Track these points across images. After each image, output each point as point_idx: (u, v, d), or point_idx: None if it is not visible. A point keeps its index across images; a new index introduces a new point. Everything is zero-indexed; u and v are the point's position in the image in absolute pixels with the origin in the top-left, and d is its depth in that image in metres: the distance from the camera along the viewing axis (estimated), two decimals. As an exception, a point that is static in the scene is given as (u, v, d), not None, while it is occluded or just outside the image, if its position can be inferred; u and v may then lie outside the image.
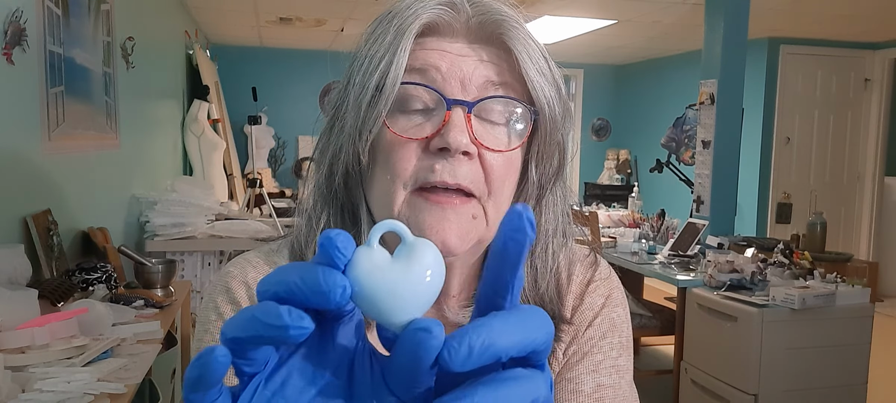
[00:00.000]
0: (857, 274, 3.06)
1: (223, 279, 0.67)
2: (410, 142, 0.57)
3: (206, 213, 3.31)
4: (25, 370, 1.31)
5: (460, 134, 0.56)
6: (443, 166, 0.57)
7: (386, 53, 0.56)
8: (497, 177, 0.59)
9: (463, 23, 0.59)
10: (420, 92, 0.58)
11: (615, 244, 3.78)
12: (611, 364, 0.67)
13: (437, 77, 0.57)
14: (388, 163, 0.58)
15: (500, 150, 0.59)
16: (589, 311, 0.68)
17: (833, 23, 5.10)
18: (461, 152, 0.56)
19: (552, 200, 0.65)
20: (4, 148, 1.80)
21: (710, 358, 2.87)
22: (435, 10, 0.58)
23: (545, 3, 4.48)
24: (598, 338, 0.67)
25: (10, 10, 1.76)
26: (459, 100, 0.57)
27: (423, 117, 0.58)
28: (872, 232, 5.99)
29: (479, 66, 0.58)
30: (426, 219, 0.57)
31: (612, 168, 7.44)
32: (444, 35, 0.59)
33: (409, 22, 0.57)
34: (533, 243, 0.62)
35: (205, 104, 5.03)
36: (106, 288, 2.03)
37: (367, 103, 0.57)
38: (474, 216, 0.59)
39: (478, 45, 0.59)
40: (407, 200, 0.58)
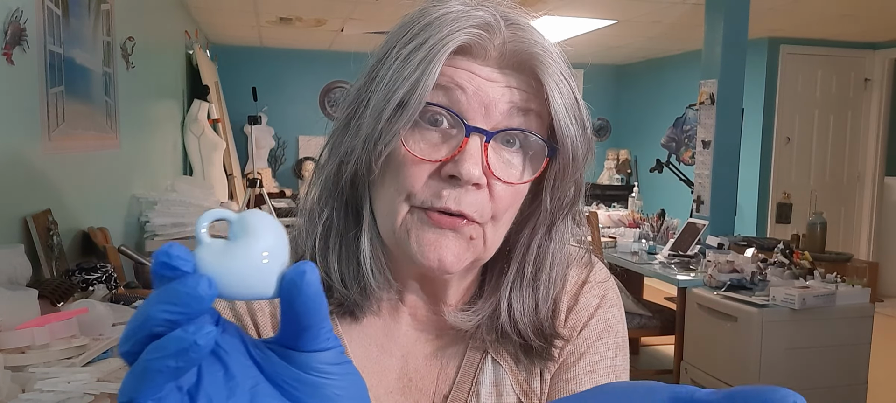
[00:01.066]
0: (857, 274, 3.06)
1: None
2: (423, 163, 0.57)
3: (206, 213, 3.31)
4: (25, 370, 1.31)
5: (473, 166, 0.55)
6: (449, 193, 0.56)
7: (414, 72, 0.55)
8: (502, 207, 0.59)
9: (497, 47, 0.57)
10: (442, 112, 0.57)
11: (615, 244, 3.78)
12: (608, 365, 0.67)
13: (461, 98, 0.56)
14: (397, 177, 0.58)
15: (511, 183, 0.59)
16: (584, 312, 0.68)
17: (833, 23, 5.10)
18: (471, 183, 0.56)
19: (563, 228, 0.65)
20: (4, 148, 1.80)
21: (710, 358, 2.87)
22: (471, 32, 0.56)
23: (545, 3, 4.48)
24: (594, 339, 0.68)
25: (10, 10, 1.76)
26: (479, 128, 0.56)
27: (440, 137, 0.58)
28: (872, 232, 5.99)
29: (506, 93, 0.57)
30: (426, 236, 0.58)
31: (612, 168, 7.44)
32: (475, 57, 0.57)
33: (442, 42, 0.55)
34: (539, 268, 0.64)
35: (205, 104, 5.02)
36: (106, 288, 2.03)
37: (386, 117, 0.56)
38: (472, 237, 0.59)
39: (509, 70, 0.58)
40: (410, 213, 0.58)
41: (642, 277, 3.96)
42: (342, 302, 0.63)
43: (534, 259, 0.64)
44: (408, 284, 0.65)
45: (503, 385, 0.66)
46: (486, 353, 0.66)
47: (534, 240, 0.64)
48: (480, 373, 0.66)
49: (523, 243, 0.64)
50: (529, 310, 0.64)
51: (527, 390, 0.66)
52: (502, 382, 0.66)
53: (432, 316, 0.67)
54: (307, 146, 7.17)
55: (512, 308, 0.63)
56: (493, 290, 0.65)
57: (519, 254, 0.64)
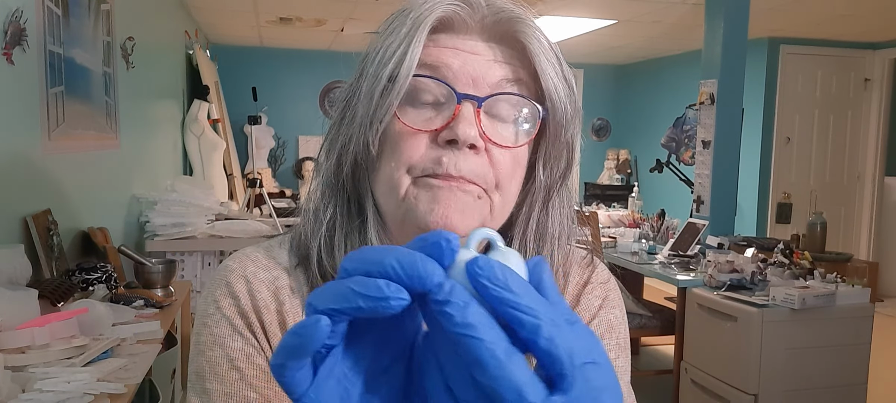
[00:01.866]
0: (857, 274, 3.06)
1: (222, 273, 0.67)
2: (419, 134, 0.58)
3: (206, 213, 3.31)
4: (25, 370, 1.31)
5: (469, 126, 0.57)
6: (449, 158, 0.57)
7: (400, 45, 0.57)
8: (504, 173, 0.60)
9: (478, 20, 0.59)
10: (431, 85, 0.58)
11: (615, 244, 3.78)
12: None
13: (448, 74, 0.58)
14: (395, 151, 0.59)
15: (507, 146, 0.59)
16: (586, 313, 0.69)
17: (833, 23, 5.10)
18: (469, 145, 0.57)
19: (558, 202, 0.66)
20: (4, 148, 1.80)
21: (710, 358, 2.87)
22: (450, 6, 0.58)
23: (545, 3, 4.48)
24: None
25: (10, 10, 1.76)
26: (470, 94, 0.58)
27: (433, 111, 0.59)
28: (872, 232, 5.99)
29: (492, 66, 0.59)
30: (433, 195, 0.58)
31: (612, 168, 7.44)
32: (458, 31, 0.59)
33: (423, 16, 0.57)
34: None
35: (205, 104, 5.03)
36: (106, 288, 2.03)
37: (379, 93, 0.58)
38: (479, 197, 0.59)
39: (492, 42, 0.60)
40: (413, 183, 0.59)
41: (642, 277, 3.96)
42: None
43: (534, 235, 0.65)
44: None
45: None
46: None
47: (531, 216, 0.65)
48: None
49: (522, 220, 0.65)
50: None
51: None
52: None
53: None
54: (307, 146, 7.17)
55: None
56: None
57: (519, 232, 0.65)
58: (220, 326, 0.63)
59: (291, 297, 0.64)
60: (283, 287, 0.65)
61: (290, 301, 0.64)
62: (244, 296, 0.64)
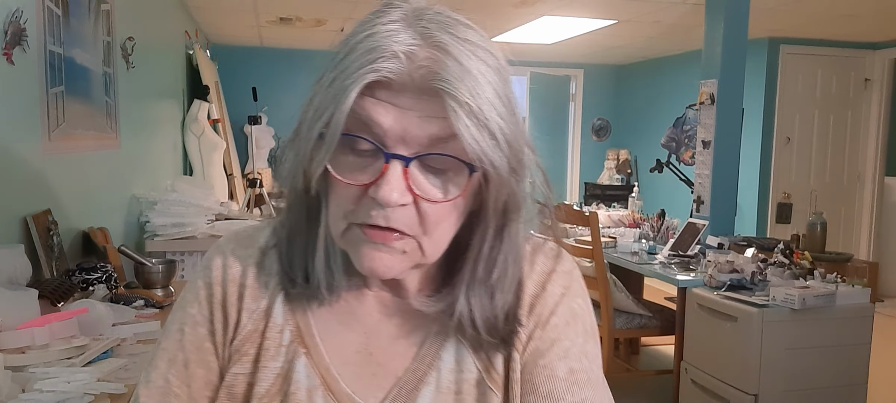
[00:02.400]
0: (857, 274, 3.06)
1: (210, 258, 0.73)
2: (350, 186, 0.60)
3: (206, 213, 3.31)
4: (25, 370, 1.31)
5: (391, 191, 0.58)
6: (378, 212, 0.59)
7: (329, 106, 0.58)
8: (431, 222, 0.61)
9: (413, 76, 0.57)
10: (362, 142, 0.59)
11: (615, 244, 3.78)
12: (579, 350, 0.70)
13: (378, 131, 0.58)
14: (334, 193, 0.62)
15: (436, 201, 0.60)
16: (550, 299, 0.71)
17: (833, 23, 5.10)
18: (391, 206, 0.59)
19: (514, 229, 0.67)
20: (4, 148, 1.80)
21: (710, 358, 2.87)
22: (380, 70, 0.57)
23: (545, 3, 4.48)
24: (563, 325, 0.70)
25: (10, 10, 1.76)
26: (397, 154, 0.58)
27: (364, 162, 0.60)
28: (872, 232, 5.99)
29: (423, 124, 0.58)
30: (362, 249, 0.62)
31: (612, 168, 7.44)
32: (391, 88, 0.58)
33: (351, 82, 0.57)
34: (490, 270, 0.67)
35: (205, 104, 5.02)
36: (106, 288, 2.03)
37: (311, 147, 0.60)
38: (405, 251, 0.62)
39: (425, 96, 0.57)
40: (348, 228, 0.62)
41: (642, 277, 3.96)
42: (303, 293, 0.69)
43: (485, 260, 0.66)
44: (368, 277, 0.70)
45: (465, 362, 0.69)
46: (448, 335, 0.70)
47: (484, 243, 0.66)
48: (442, 350, 0.69)
49: (475, 245, 0.66)
50: (486, 307, 0.67)
51: (488, 367, 0.69)
52: (464, 359, 0.69)
53: (399, 301, 0.71)
54: (307, 146, 7.17)
55: (469, 304, 0.67)
56: (453, 283, 0.68)
57: (471, 256, 0.67)
58: (190, 293, 0.72)
59: (259, 275, 0.71)
60: (253, 265, 0.71)
61: (255, 278, 0.71)
62: (218, 269, 0.71)
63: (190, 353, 0.69)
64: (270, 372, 0.68)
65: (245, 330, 0.69)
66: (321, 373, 0.68)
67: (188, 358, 0.69)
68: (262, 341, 0.69)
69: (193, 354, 0.69)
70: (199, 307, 0.71)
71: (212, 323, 0.70)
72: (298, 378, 0.67)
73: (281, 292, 0.70)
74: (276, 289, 0.70)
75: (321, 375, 0.68)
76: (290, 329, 0.69)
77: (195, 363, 0.69)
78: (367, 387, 0.69)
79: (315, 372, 0.68)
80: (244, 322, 0.69)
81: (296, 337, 0.69)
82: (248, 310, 0.70)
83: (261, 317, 0.70)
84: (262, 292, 0.70)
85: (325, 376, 0.68)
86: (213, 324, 0.70)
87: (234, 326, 0.69)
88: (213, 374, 0.69)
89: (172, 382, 0.69)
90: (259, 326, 0.69)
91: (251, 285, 0.70)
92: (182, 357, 0.69)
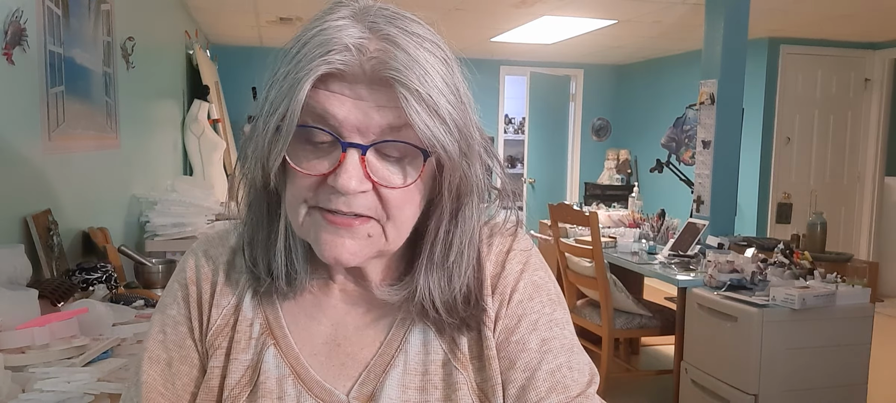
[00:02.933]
0: (857, 274, 3.06)
1: (185, 259, 0.76)
2: (309, 175, 0.62)
3: (206, 213, 3.31)
4: (25, 370, 1.31)
5: (349, 179, 0.60)
6: (339, 198, 0.61)
7: (283, 100, 0.60)
8: (394, 206, 0.63)
9: (364, 67, 0.60)
10: (319, 133, 0.61)
11: (615, 244, 3.78)
12: (548, 320, 0.73)
13: (333, 123, 0.60)
14: (293, 183, 0.64)
15: (394, 187, 0.63)
16: (510, 277, 0.73)
17: (833, 23, 5.10)
18: (350, 194, 0.61)
19: (468, 213, 0.69)
20: (4, 148, 1.80)
21: (710, 358, 2.87)
22: (332, 62, 0.59)
23: (545, 3, 4.48)
24: (527, 300, 0.73)
25: (10, 10, 1.76)
26: (354, 143, 0.60)
27: (322, 152, 0.62)
28: (872, 232, 5.99)
29: (376, 114, 0.60)
30: (323, 236, 0.63)
31: (612, 168, 7.44)
32: (344, 79, 0.60)
33: (304, 74, 0.59)
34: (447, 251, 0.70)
35: (205, 104, 5.02)
36: (106, 288, 2.03)
37: (268, 140, 0.62)
38: (370, 235, 0.64)
39: (377, 87, 0.60)
40: (308, 214, 0.64)
41: (642, 277, 3.96)
42: (269, 288, 0.71)
43: (441, 244, 0.69)
44: (332, 267, 0.71)
45: (431, 345, 0.71)
46: (414, 320, 0.72)
47: (440, 227, 0.68)
48: (409, 334, 0.71)
49: (431, 230, 0.69)
50: (444, 289, 0.69)
51: (453, 348, 0.71)
52: (430, 342, 0.71)
53: (363, 291, 0.73)
54: (307, 146, 7.17)
55: (428, 288, 0.69)
56: (413, 271, 0.71)
57: (428, 241, 0.69)
58: (168, 295, 0.75)
59: (228, 272, 0.74)
60: (224, 263, 0.75)
61: (225, 275, 0.74)
62: (191, 270, 0.74)
63: (173, 352, 0.72)
64: (241, 364, 0.70)
65: (216, 325, 0.72)
66: (291, 363, 0.70)
67: (171, 357, 0.72)
68: (232, 334, 0.71)
69: (176, 352, 0.72)
70: (178, 307, 0.74)
71: (190, 321, 0.73)
72: (268, 367, 0.69)
73: (251, 288, 0.73)
74: (246, 286, 0.73)
75: (291, 364, 0.70)
76: (260, 322, 0.72)
77: (179, 360, 0.72)
78: (336, 376, 0.71)
79: (284, 362, 0.70)
80: (214, 317, 0.72)
81: (265, 330, 0.71)
82: (218, 307, 0.72)
83: (231, 312, 0.72)
84: (232, 289, 0.73)
85: (295, 365, 0.70)
86: (191, 321, 0.73)
87: (207, 322, 0.72)
88: (195, 369, 0.72)
89: (158, 382, 0.71)
90: (229, 321, 0.72)
91: (222, 283, 0.73)
92: (165, 356, 0.72)
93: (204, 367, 0.72)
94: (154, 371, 0.71)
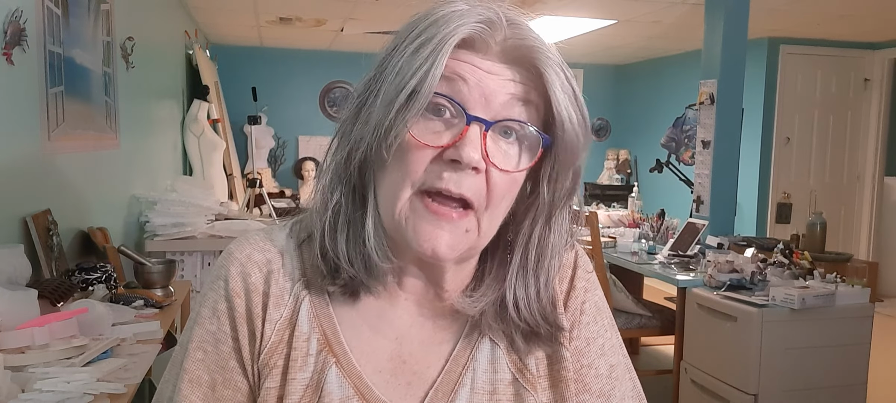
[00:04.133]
0: (857, 274, 3.06)
1: (223, 257, 0.70)
2: (426, 148, 0.61)
3: (206, 213, 3.31)
4: (25, 370, 1.31)
5: (473, 151, 0.59)
6: (450, 176, 0.60)
7: (424, 64, 0.59)
8: (498, 193, 0.62)
9: (498, 42, 0.61)
10: (445, 102, 0.61)
11: (615, 244, 3.78)
12: (611, 346, 0.74)
13: (463, 89, 0.60)
14: (401, 161, 0.61)
15: (508, 170, 0.62)
16: (579, 297, 0.74)
17: (833, 23, 5.10)
18: (471, 167, 0.60)
19: (561, 217, 0.68)
20: (4, 148, 1.80)
21: (710, 358, 2.87)
22: (474, 26, 0.60)
23: (545, 3, 4.48)
24: (592, 323, 0.73)
25: (10, 10, 1.76)
26: (479, 117, 0.60)
27: (443, 125, 0.61)
28: (872, 232, 5.99)
29: (506, 84, 0.61)
30: (423, 226, 0.61)
31: (612, 168, 7.44)
32: (477, 50, 0.61)
33: (448, 36, 0.59)
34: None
35: (205, 104, 5.02)
36: (106, 288, 2.03)
37: (397, 108, 0.59)
38: (468, 229, 0.63)
39: (509, 63, 0.62)
40: (410, 200, 0.62)
41: (642, 277, 3.96)
42: (347, 283, 0.66)
43: (535, 249, 0.68)
44: (407, 268, 0.68)
45: (499, 363, 0.69)
46: (482, 335, 0.69)
47: (534, 231, 0.67)
48: (477, 351, 0.69)
49: (525, 233, 0.67)
50: (533, 298, 0.68)
51: (521, 368, 0.69)
52: (498, 360, 0.69)
53: (432, 302, 0.70)
54: (307, 146, 7.17)
55: (516, 296, 0.67)
56: (495, 278, 0.68)
57: (521, 244, 0.67)
58: (206, 308, 0.68)
59: (279, 280, 0.67)
60: (275, 270, 0.68)
61: (277, 284, 0.67)
62: (236, 279, 0.67)
63: (215, 374, 0.66)
64: (299, 384, 0.65)
65: (270, 342, 0.66)
66: (354, 382, 0.66)
67: (214, 380, 0.66)
68: (288, 351, 0.66)
69: (219, 375, 0.66)
70: (219, 323, 0.67)
71: (236, 340, 0.66)
72: (330, 388, 0.65)
73: (305, 297, 0.67)
74: (300, 294, 0.67)
75: (354, 384, 0.66)
76: (317, 337, 0.66)
77: (222, 384, 0.66)
78: (402, 396, 0.67)
79: (348, 382, 0.66)
80: (268, 334, 0.66)
81: (324, 346, 0.66)
82: (271, 321, 0.66)
83: (285, 326, 0.66)
84: (284, 299, 0.67)
85: (359, 385, 0.66)
86: (239, 340, 0.66)
87: (260, 339, 0.66)
88: (241, 394, 0.66)
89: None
90: (284, 336, 0.66)
91: (274, 293, 0.67)
92: (207, 379, 0.66)
93: (251, 391, 0.66)
94: (196, 396, 0.65)
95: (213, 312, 0.67)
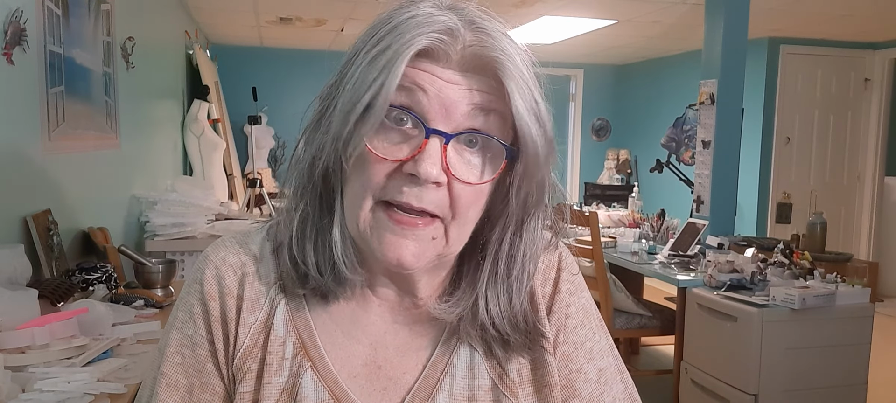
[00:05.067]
0: (857, 274, 3.06)
1: (200, 261, 0.70)
2: (385, 161, 0.59)
3: (206, 213, 3.31)
4: (25, 370, 1.31)
5: (432, 166, 0.58)
6: (410, 190, 0.59)
7: (379, 76, 0.57)
8: (463, 205, 0.61)
9: (458, 51, 0.59)
10: (403, 114, 0.59)
11: (615, 244, 3.78)
12: (600, 348, 0.73)
13: (422, 100, 0.58)
14: (362, 173, 0.60)
15: (470, 183, 0.61)
16: (564, 300, 0.72)
17: (833, 23, 5.10)
18: (430, 182, 0.58)
19: (533, 225, 0.67)
20: (4, 148, 1.80)
21: (710, 358, 2.87)
22: (432, 37, 0.58)
23: (545, 3, 4.48)
24: (580, 326, 0.72)
25: (10, 10, 1.76)
26: (438, 130, 0.58)
27: (401, 137, 0.60)
28: (872, 232, 5.99)
29: (467, 95, 0.59)
30: (387, 236, 0.60)
31: (612, 168, 7.44)
32: (437, 60, 0.59)
33: (405, 46, 0.57)
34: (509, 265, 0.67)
35: (205, 104, 5.02)
36: (106, 288, 2.03)
37: (353, 121, 0.58)
38: (434, 237, 0.61)
39: (470, 73, 0.59)
40: (372, 211, 0.61)
41: (642, 277, 3.96)
42: (316, 288, 0.65)
43: (505, 256, 0.67)
44: (377, 277, 0.68)
45: (477, 369, 0.68)
46: (460, 340, 0.68)
47: (504, 238, 0.66)
48: (455, 356, 0.68)
49: (495, 241, 0.66)
50: (504, 306, 0.67)
51: (501, 373, 0.68)
52: (477, 365, 0.68)
53: (406, 307, 0.69)
54: (307, 146, 7.16)
55: (488, 303, 0.66)
56: (470, 283, 0.68)
57: (491, 252, 0.66)
58: (182, 311, 0.68)
59: (254, 284, 0.67)
60: (249, 274, 0.68)
61: (251, 287, 0.67)
62: (211, 283, 0.67)
63: (192, 378, 0.66)
64: (274, 388, 0.65)
65: (244, 346, 0.66)
66: (329, 387, 0.65)
67: (192, 383, 0.66)
68: (263, 355, 0.65)
69: (196, 378, 0.66)
70: (196, 326, 0.66)
71: (212, 343, 0.66)
72: (306, 392, 0.64)
73: (281, 301, 0.67)
74: (276, 298, 0.67)
75: (329, 388, 0.65)
76: (293, 340, 0.66)
77: (199, 388, 0.66)
78: (378, 401, 0.67)
79: (323, 386, 0.65)
80: (242, 337, 0.66)
81: (299, 350, 0.66)
82: (245, 325, 0.66)
83: (260, 330, 0.66)
84: (259, 302, 0.67)
85: (334, 389, 0.65)
86: (214, 344, 0.66)
87: (234, 343, 0.66)
88: (218, 397, 0.66)
89: None
90: (258, 340, 0.66)
91: (248, 296, 0.67)
92: (185, 382, 0.66)
93: (228, 394, 0.66)
94: (173, 400, 0.65)
95: (189, 315, 0.67)
